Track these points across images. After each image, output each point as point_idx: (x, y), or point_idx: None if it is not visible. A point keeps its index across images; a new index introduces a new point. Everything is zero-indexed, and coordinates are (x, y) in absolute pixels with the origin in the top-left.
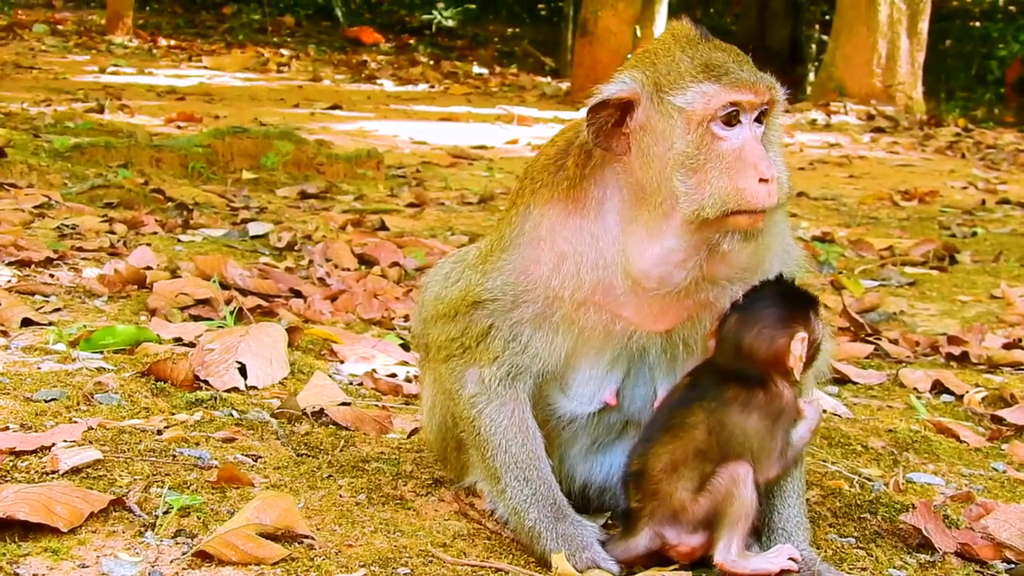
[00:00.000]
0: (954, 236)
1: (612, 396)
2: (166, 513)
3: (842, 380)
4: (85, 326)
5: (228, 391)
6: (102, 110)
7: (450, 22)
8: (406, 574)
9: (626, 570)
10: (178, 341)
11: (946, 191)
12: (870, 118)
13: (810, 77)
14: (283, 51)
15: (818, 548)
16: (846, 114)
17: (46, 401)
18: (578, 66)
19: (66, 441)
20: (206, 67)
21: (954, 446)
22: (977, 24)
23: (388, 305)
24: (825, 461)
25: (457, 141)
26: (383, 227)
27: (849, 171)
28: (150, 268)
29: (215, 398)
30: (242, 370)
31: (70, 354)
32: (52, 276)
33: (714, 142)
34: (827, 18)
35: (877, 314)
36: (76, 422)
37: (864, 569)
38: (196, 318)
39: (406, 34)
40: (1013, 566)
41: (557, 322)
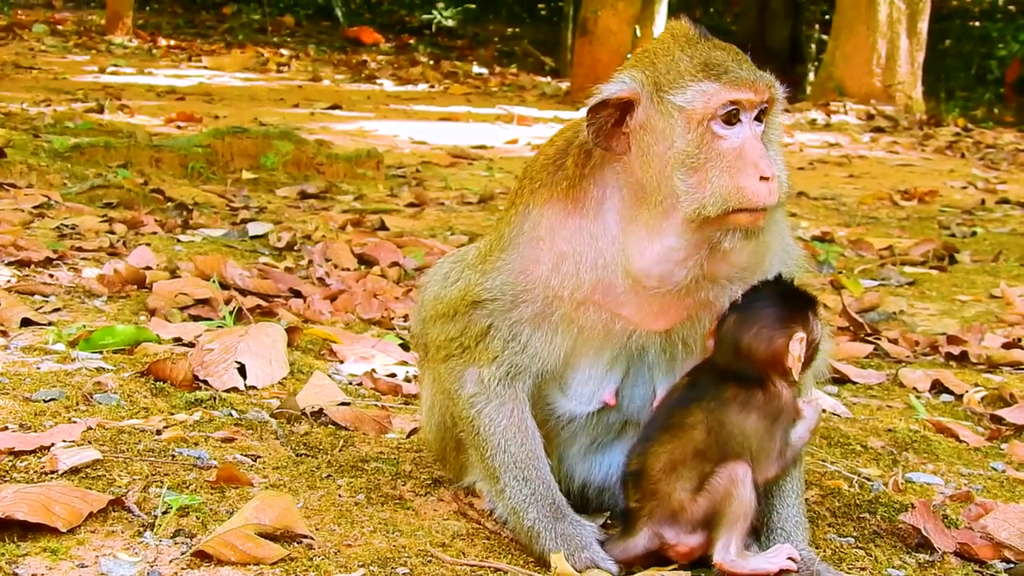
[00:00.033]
0: (954, 236)
1: (611, 396)
2: (165, 513)
3: (841, 380)
4: (84, 326)
5: (227, 391)
6: (102, 110)
7: (450, 22)
8: (405, 574)
9: (625, 570)
10: (177, 341)
11: (946, 191)
12: (870, 118)
13: (810, 77)
14: (283, 51)
15: (817, 548)
16: (846, 114)
17: (45, 401)
18: (578, 66)
19: (65, 441)
20: (206, 67)
21: (953, 446)
22: (977, 24)
23: (388, 305)
24: (824, 461)
25: (457, 141)
26: (383, 227)
27: (849, 171)
28: (150, 268)
29: (214, 398)
30: (241, 370)
31: (69, 354)
32: (52, 276)
33: (714, 141)
34: (827, 18)
35: (877, 314)
36: (75, 422)
37: (863, 569)
38: (195, 318)
39: (406, 34)
40: (1012, 566)
41: (556, 321)
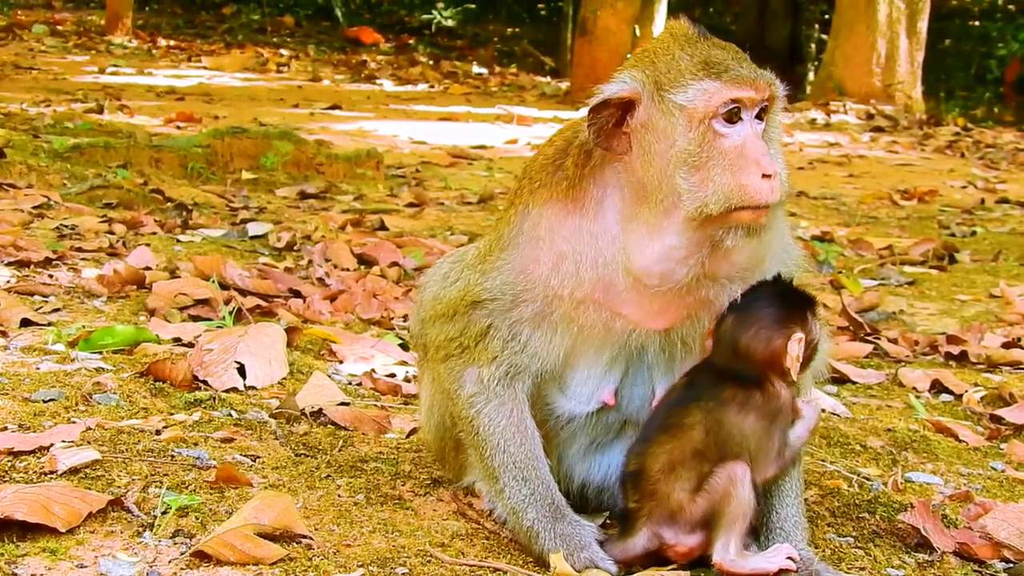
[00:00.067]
0: (953, 235)
1: (610, 396)
2: (164, 513)
3: (841, 379)
4: (84, 326)
5: (227, 391)
6: (101, 110)
7: (450, 22)
8: (404, 574)
9: (624, 570)
10: (177, 341)
11: (945, 190)
12: (869, 117)
13: (809, 76)
14: (283, 51)
15: (816, 547)
16: (845, 113)
17: (45, 401)
18: (578, 66)
19: (64, 441)
20: (205, 67)
21: (953, 445)
22: (976, 23)
23: (387, 305)
24: (824, 460)
25: (457, 141)
26: (382, 227)
27: (848, 170)
28: (149, 268)
29: (214, 398)
30: (241, 370)
31: (69, 354)
32: (51, 276)
33: (716, 139)
34: (826, 17)
35: (876, 313)
36: (75, 422)
37: (862, 568)
38: (195, 318)
39: (406, 34)
40: (1011, 565)
41: (556, 321)
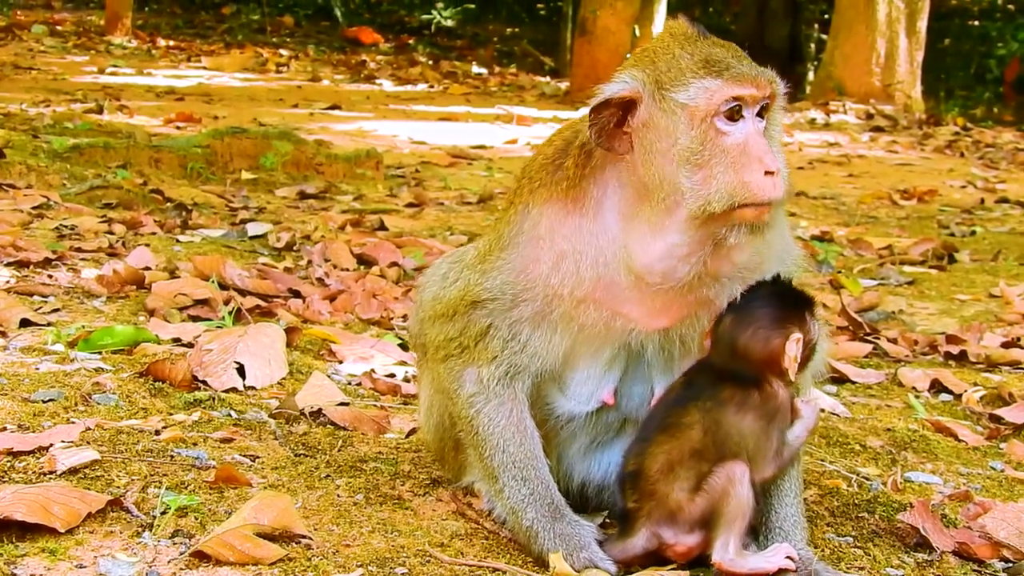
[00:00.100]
0: (953, 235)
1: (610, 395)
2: (164, 513)
3: (840, 379)
4: (83, 326)
5: (226, 391)
6: (101, 111)
7: (449, 22)
8: (404, 574)
9: (623, 570)
10: (176, 341)
11: (945, 190)
12: (869, 117)
13: (809, 76)
14: (282, 51)
15: (816, 547)
16: (845, 113)
17: (44, 401)
18: (577, 66)
19: (64, 441)
20: (205, 67)
21: (952, 445)
22: (976, 23)
23: (387, 305)
24: (823, 460)
25: (456, 141)
26: (382, 227)
27: (848, 170)
28: (149, 268)
29: (213, 398)
30: (240, 370)
31: (68, 354)
32: (51, 277)
33: (718, 137)
34: (826, 17)
35: (876, 313)
36: (74, 422)
37: (862, 568)
38: (195, 318)
39: (405, 34)
40: (1011, 565)
41: (556, 320)
